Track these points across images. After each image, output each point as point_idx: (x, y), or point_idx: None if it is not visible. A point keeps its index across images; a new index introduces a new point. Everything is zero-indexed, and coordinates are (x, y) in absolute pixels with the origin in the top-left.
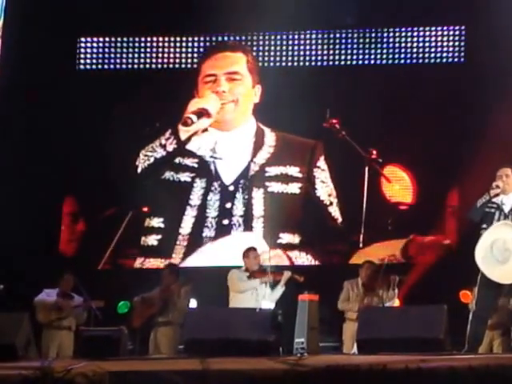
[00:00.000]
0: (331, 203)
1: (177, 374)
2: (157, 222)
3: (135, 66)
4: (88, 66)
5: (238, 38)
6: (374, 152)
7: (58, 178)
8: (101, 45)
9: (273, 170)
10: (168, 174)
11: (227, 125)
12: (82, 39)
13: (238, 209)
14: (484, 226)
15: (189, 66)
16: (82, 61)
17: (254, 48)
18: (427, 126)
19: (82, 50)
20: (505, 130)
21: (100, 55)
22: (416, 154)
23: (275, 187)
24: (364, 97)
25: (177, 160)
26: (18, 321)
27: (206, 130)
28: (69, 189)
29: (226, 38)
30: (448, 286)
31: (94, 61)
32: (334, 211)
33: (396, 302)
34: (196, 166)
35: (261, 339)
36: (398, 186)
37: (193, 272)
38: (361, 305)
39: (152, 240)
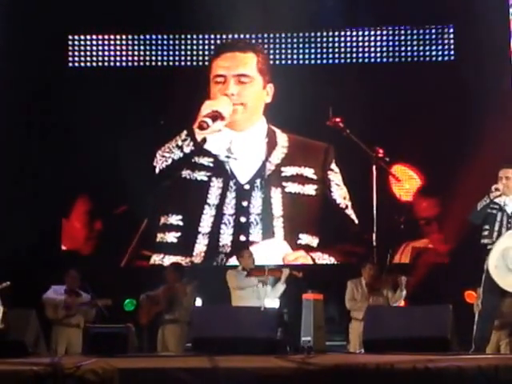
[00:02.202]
0: (347, 206)
1: (186, 372)
2: (175, 219)
3: (141, 64)
4: (87, 64)
5: (244, 36)
6: (381, 151)
7: (67, 178)
8: (106, 42)
9: (288, 171)
10: (185, 173)
11: (238, 126)
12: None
13: (255, 207)
14: (486, 227)
15: (194, 63)
16: (76, 58)
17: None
18: (428, 125)
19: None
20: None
21: (106, 52)
22: (421, 152)
23: (292, 187)
24: (368, 95)
25: (193, 159)
26: (26, 317)
27: (219, 129)
28: (82, 189)
29: (230, 36)
30: (452, 287)
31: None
32: (351, 214)
33: (401, 303)
34: (211, 165)
35: (268, 338)
36: (408, 185)
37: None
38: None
39: (171, 237)
